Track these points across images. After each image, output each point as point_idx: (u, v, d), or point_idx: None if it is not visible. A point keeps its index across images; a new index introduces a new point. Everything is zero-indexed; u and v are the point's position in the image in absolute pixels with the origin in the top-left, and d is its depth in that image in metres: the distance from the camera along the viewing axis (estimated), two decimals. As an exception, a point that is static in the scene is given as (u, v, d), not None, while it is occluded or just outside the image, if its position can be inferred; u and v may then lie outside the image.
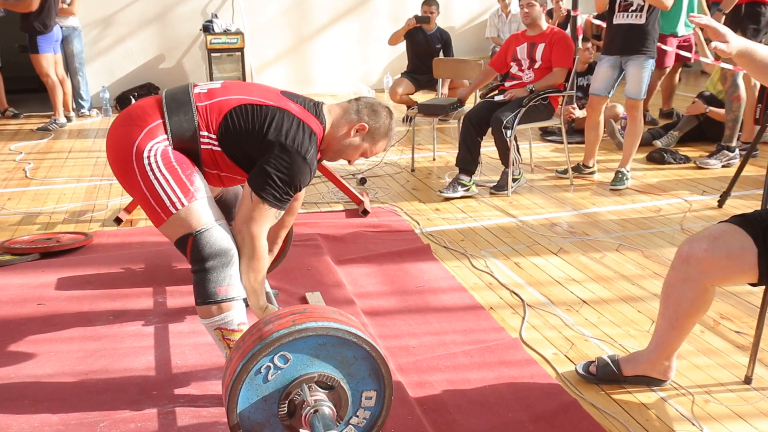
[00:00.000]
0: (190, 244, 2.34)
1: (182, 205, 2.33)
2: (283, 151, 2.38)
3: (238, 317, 2.36)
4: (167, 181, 2.34)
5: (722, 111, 5.76)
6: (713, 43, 2.17)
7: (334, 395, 1.98)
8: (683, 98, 8.32)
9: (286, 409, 1.96)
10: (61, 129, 7.40)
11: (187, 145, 2.42)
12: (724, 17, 5.20)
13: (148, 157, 2.35)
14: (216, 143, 2.44)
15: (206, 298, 2.33)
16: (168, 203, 2.34)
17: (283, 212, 2.49)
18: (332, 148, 2.60)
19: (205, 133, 2.42)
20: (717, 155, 5.43)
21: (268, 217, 2.42)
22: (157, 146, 2.37)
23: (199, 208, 2.35)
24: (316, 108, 2.54)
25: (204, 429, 2.29)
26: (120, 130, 2.44)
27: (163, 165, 2.35)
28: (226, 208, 2.85)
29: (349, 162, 2.68)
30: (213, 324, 2.35)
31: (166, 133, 2.39)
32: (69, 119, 7.68)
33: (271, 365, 1.93)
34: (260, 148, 2.40)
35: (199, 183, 2.40)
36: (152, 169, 2.34)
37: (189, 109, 2.42)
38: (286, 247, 3.31)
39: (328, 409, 1.92)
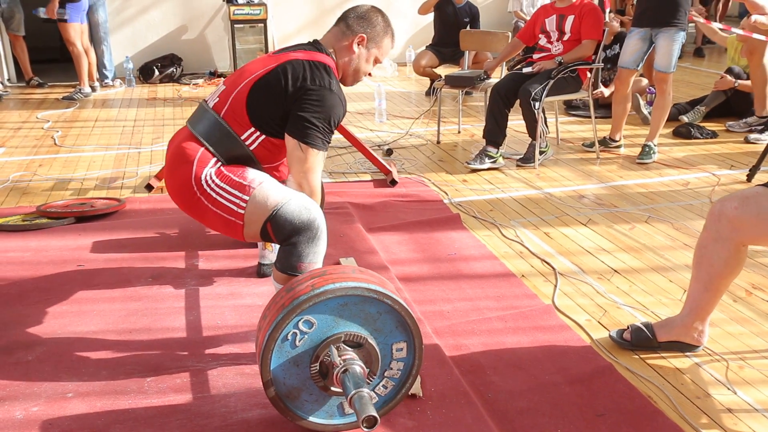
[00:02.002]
0: (270, 231, 2.36)
1: (245, 202, 2.37)
2: (308, 93, 2.39)
3: None
4: (224, 189, 2.39)
5: (750, 82, 5.74)
6: (753, 17, 2.18)
7: (364, 352, 2.03)
8: (707, 75, 8.27)
9: (318, 370, 2.01)
10: (85, 98, 7.45)
11: (238, 155, 2.47)
12: None
13: (206, 182, 2.40)
14: (259, 133, 2.46)
15: (286, 268, 2.35)
16: (235, 207, 2.38)
17: (326, 152, 2.51)
18: (347, 72, 2.62)
19: (246, 134, 2.46)
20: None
21: (319, 162, 2.45)
22: (212, 170, 2.42)
23: (262, 193, 2.37)
24: (316, 45, 2.56)
25: (247, 385, 2.35)
26: (174, 175, 2.49)
27: (218, 179, 2.41)
28: None
29: (369, 75, 2.69)
30: None
31: (215, 156, 2.44)
32: (93, 89, 7.72)
33: (297, 331, 1.98)
34: (289, 104, 2.41)
35: (253, 174, 2.43)
36: (212, 189, 2.40)
37: (220, 125, 2.46)
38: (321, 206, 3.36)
39: (357, 367, 1.96)
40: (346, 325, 2.02)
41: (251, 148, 2.47)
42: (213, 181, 2.40)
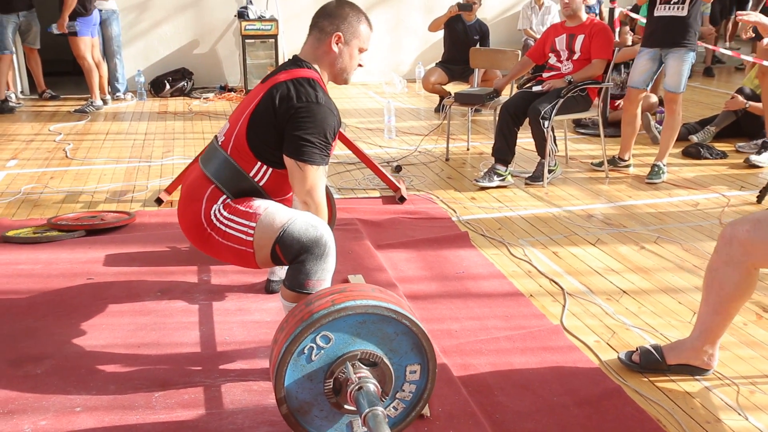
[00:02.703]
0: (279, 252, 2.36)
1: (252, 228, 2.38)
2: (297, 111, 2.38)
3: None
4: (232, 220, 2.41)
5: (761, 105, 5.73)
6: (765, 40, 2.19)
7: (378, 371, 2.02)
8: (716, 95, 8.27)
9: (331, 386, 2.00)
10: (97, 111, 7.50)
11: (247, 190, 2.48)
12: None
13: (215, 217, 2.42)
14: (266, 167, 2.47)
15: (294, 286, 2.34)
16: (244, 236, 2.38)
17: (327, 165, 2.49)
18: (335, 73, 2.57)
19: (254, 170, 2.47)
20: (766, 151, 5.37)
21: (321, 177, 2.43)
22: (219, 206, 2.44)
23: (267, 217, 2.38)
24: (296, 62, 2.54)
25: (255, 402, 2.35)
26: (186, 213, 2.51)
27: (226, 212, 2.42)
28: None
29: (360, 66, 2.62)
30: (290, 307, 2.36)
31: (224, 193, 2.45)
32: (105, 102, 7.78)
33: (314, 345, 1.97)
34: (282, 127, 2.40)
35: (258, 202, 2.43)
36: (221, 222, 2.42)
37: (229, 163, 2.46)
38: (331, 222, 3.40)
39: (372, 385, 1.95)
40: (363, 343, 2.01)
41: (261, 183, 2.48)
42: (222, 215, 2.42)
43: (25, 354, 2.62)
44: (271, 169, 2.47)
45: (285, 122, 2.40)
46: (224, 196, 2.45)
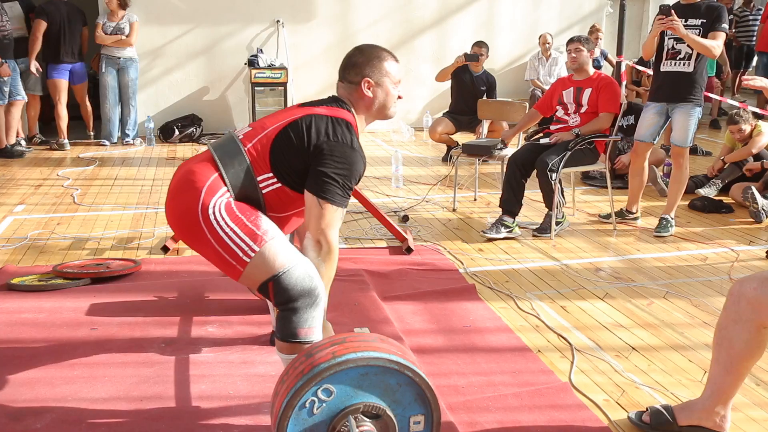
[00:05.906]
0: (272, 289, 2.35)
1: (254, 251, 2.35)
2: (330, 148, 2.41)
3: None
4: (234, 232, 2.36)
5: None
6: None
7: (381, 424, 2.00)
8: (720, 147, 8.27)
9: None
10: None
11: (248, 194, 2.46)
12: None
13: (214, 213, 2.37)
14: (276, 181, 2.47)
15: (287, 337, 2.33)
16: (240, 253, 2.35)
17: (345, 209, 2.49)
18: (376, 112, 2.61)
19: (263, 177, 2.47)
20: None
21: (337, 218, 2.43)
22: (220, 201, 2.40)
23: (272, 250, 2.35)
24: (336, 100, 2.58)
25: (257, 460, 2.30)
26: (180, 198, 2.47)
27: (228, 218, 2.37)
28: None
29: (400, 98, 2.64)
30: (288, 360, 2.33)
31: (226, 185, 2.43)
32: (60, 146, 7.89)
33: (316, 399, 1.96)
34: (310, 158, 2.43)
35: (266, 225, 2.41)
36: (219, 224, 2.36)
37: (243, 159, 2.46)
38: None
39: None
40: (365, 395, 1.99)
41: (264, 191, 2.47)
42: (222, 217, 2.36)
43: (25, 407, 2.58)
44: (279, 185, 2.47)
45: (316, 155, 2.42)
46: (225, 189, 2.42)
